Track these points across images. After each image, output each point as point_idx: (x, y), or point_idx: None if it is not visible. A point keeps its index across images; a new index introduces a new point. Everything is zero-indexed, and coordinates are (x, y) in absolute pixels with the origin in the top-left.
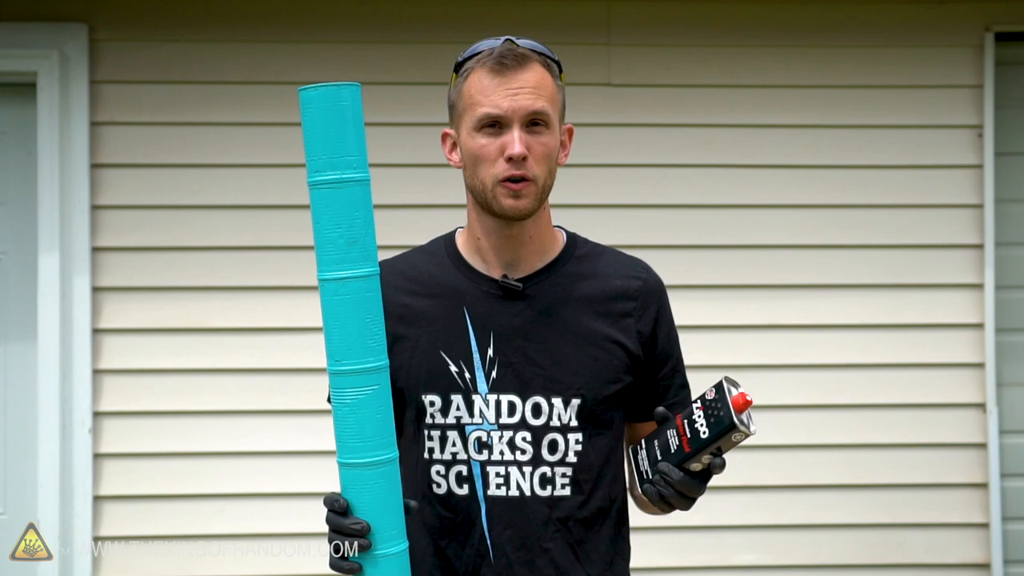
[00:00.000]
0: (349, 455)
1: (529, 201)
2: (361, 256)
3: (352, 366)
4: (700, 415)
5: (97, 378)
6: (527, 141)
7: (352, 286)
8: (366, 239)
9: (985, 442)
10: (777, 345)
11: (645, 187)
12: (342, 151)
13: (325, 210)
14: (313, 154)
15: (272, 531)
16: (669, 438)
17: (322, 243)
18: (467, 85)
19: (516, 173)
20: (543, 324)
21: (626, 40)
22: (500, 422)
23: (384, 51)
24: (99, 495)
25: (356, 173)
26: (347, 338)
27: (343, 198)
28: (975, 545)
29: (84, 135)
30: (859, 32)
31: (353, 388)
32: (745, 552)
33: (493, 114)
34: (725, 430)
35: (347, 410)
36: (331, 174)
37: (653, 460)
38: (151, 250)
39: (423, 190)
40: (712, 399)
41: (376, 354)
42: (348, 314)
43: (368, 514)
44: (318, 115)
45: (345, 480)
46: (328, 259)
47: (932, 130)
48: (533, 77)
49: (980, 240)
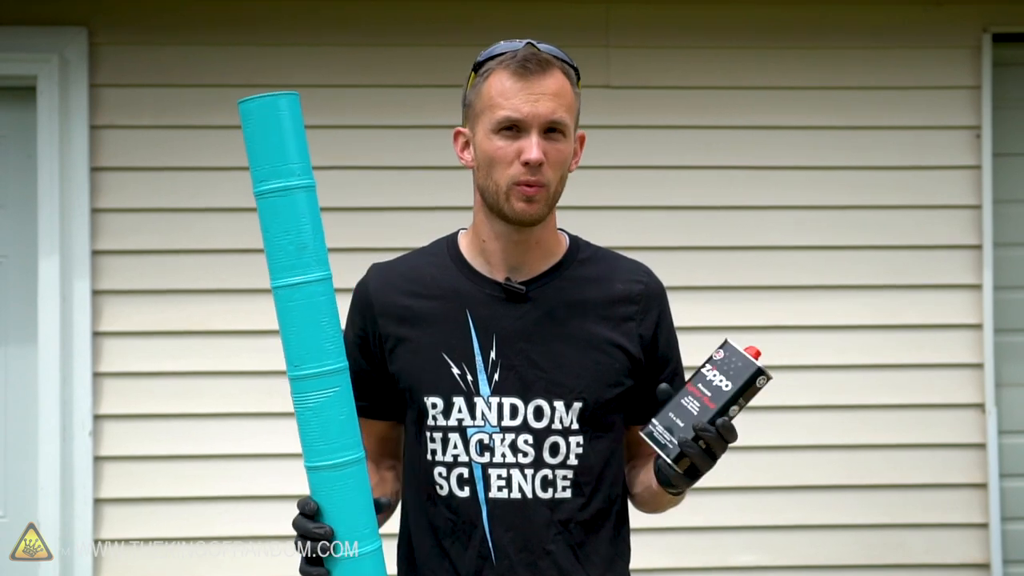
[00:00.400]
0: (315, 458)
1: (540, 207)
2: (312, 261)
3: (311, 370)
4: (715, 374)
5: (97, 381)
6: (544, 147)
7: (305, 291)
8: (316, 244)
9: (984, 442)
10: (777, 346)
11: (644, 189)
12: (284, 159)
13: (273, 218)
14: (256, 164)
15: (272, 533)
16: (687, 404)
17: (272, 251)
18: (487, 86)
19: (531, 178)
20: (545, 327)
21: (625, 42)
22: (502, 424)
23: (384, 54)
24: (99, 497)
25: (300, 180)
26: (304, 342)
27: (289, 205)
28: (974, 545)
29: (84, 138)
30: (857, 34)
31: (314, 392)
32: (744, 553)
33: (513, 117)
34: (751, 378)
35: (310, 414)
36: (275, 183)
37: (676, 428)
38: (151, 253)
39: (423, 192)
40: (723, 357)
41: (334, 356)
42: (303, 319)
43: (339, 515)
44: (258, 125)
45: (314, 484)
46: (279, 266)
47: (930, 131)
48: (554, 84)
49: (979, 241)
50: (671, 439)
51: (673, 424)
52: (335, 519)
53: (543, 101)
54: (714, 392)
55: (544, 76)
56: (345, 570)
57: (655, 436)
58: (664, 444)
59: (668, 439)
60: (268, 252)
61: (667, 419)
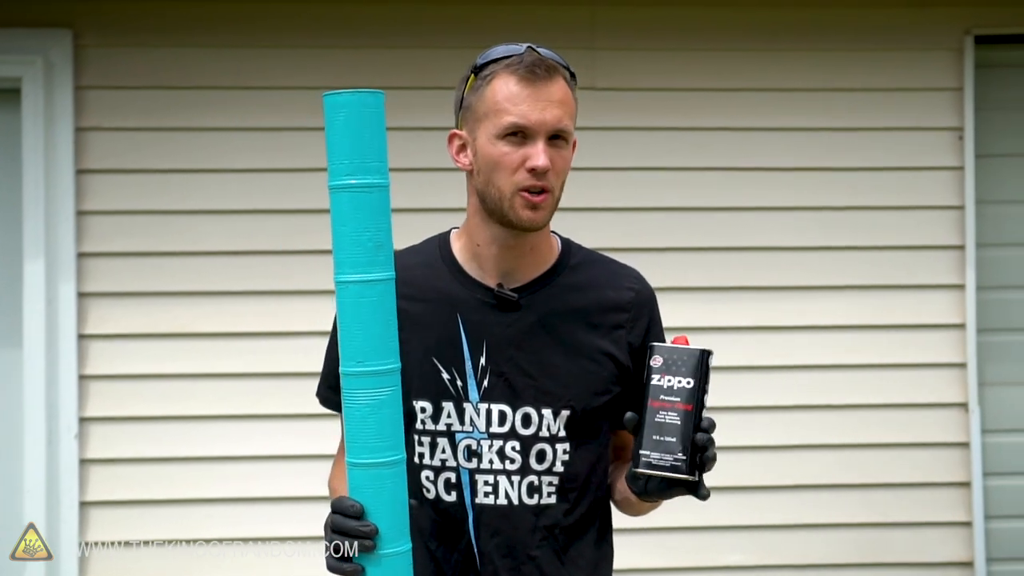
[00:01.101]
0: (367, 455)
1: (545, 214)
2: (386, 261)
3: (374, 367)
4: (666, 379)
5: (83, 384)
6: (549, 154)
7: (378, 289)
8: (389, 244)
9: (968, 441)
10: (763, 346)
11: (630, 190)
12: (368, 157)
13: (353, 213)
14: (338, 158)
15: (261, 535)
16: (664, 419)
17: (347, 245)
18: (491, 90)
19: (537, 184)
20: (536, 335)
21: (610, 44)
22: (491, 431)
23: (370, 56)
24: (86, 500)
25: (381, 179)
26: (371, 340)
27: (371, 202)
28: (958, 543)
29: (69, 141)
30: (841, 36)
31: (374, 389)
32: (732, 552)
33: (520, 124)
34: (700, 363)
35: (367, 411)
36: (359, 178)
37: (670, 446)
38: (137, 255)
39: (411, 194)
40: (663, 362)
41: (394, 355)
42: (372, 316)
43: (382, 513)
44: (345, 121)
45: (359, 481)
46: (354, 261)
47: (913, 132)
48: (560, 91)
49: (961, 241)
50: (674, 458)
51: (663, 444)
52: (378, 516)
53: (550, 108)
54: (681, 394)
55: (551, 83)
56: (382, 567)
57: (654, 464)
58: (671, 466)
59: (671, 460)
60: (340, 246)
61: (654, 443)
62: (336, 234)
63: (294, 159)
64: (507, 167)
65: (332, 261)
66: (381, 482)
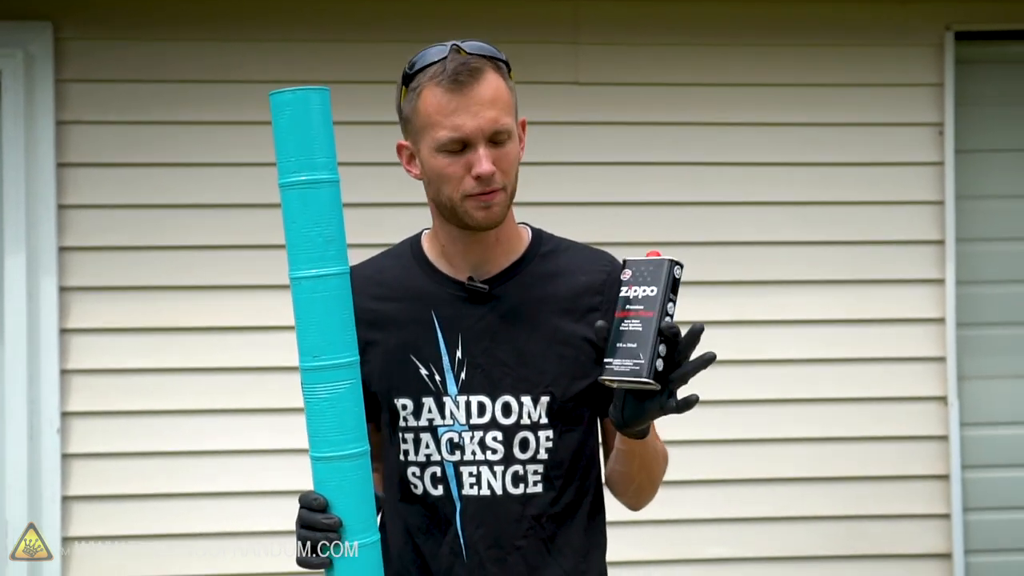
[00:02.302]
0: (328, 449)
1: (499, 210)
2: (337, 255)
3: (331, 361)
4: (634, 290)
5: (65, 378)
6: (493, 155)
7: (331, 283)
8: (341, 238)
9: (947, 434)
10: (742, 340)
11: (612, 185)
12: (315, 153)
13: (302, 210)
14: (286, 156)
15: (243, 529)
16: (628, 327)
17: (299, 241)
18: (422, 103)
19: (486, 189)
20: (510, 324)
21: (593, 39)
22: (471, 423)
23: (350, 50)
24: (68, 495)
25: (329, 175)
26: (326, 334)
27: (320, 198)
28: (937, 535)
29: (50, 134)
30: (822, 31)
31: (332, 383)
32: (714, 545)
33: (456, 136)
34: (668, 272)
35: (325, 404)
36: (306, 175)
37: (631, 352)
38: (119, 250)
39: (391, 189)
40: (631, 275)
41: (352, 348)
42: (326, 310)
43: (346, 506)
44: (290, 118)
45: (322, 474)
46: (305, 257)
47: (893, 128)
48: (490, 90)
49: (941, 236)
50: (633, 362)
51: (625, 350)
52: (343, 509)
53: (483, 112)
54: (644, 303)
55: (478, 84)
56: (351, 559)
57: (616, 370)
58: (630, 370)
59: (631, 364)
60: (292, 242)
61: (617, 350)
62: (288, 231)
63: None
64: (452, 178)
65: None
66: (344, 475)
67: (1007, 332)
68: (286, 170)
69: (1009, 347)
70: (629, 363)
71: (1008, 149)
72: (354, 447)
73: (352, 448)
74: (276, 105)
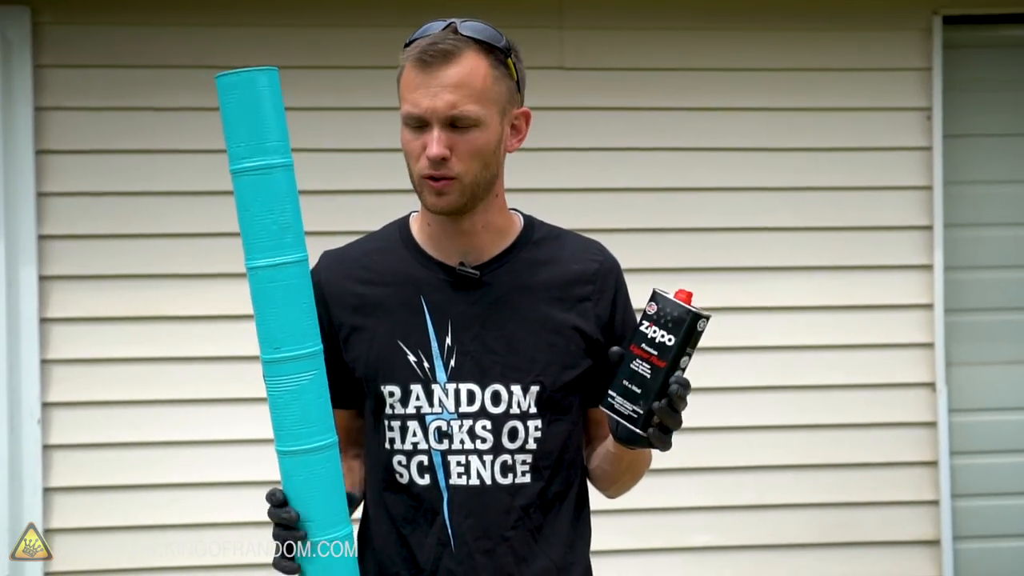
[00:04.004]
0: (293, 442)
1: (452, 198)
2: (294, 241)
3: (292, 352)
4: (653, 329)
5: (45, 368)
6: (450, 140)
7: (288, 271)
8: (297, 224)
9: (935, 421)
10: (728, 327)
11: (598, 171)
12: (265, 137)
13: (255, 197)
14: (236, 141)
15: (227, 520)
16: (637, 368)
17: (253, 230)
18: (401, 77)
19: (435, 173)
20: (500, 311)
21: (578, 23)
22: (460, 411)
23: (336, 34)
24: (49, 487)
25: (282, 159)
26: (285, 324)
27: (272, 184)
28: (925, 522)
29: (28, 121)
30: (809, 15)
31: (295, 374)
32: (701, 533)
33: (414, 114)
34: (690, 325)
35: (289, 397)
36: (256, 160)
37: (635, 396)
38: (100, 238)
39: (378, 175)
40: (655, 311)
41: (313, 338)
42: (285, 300)
43: (316, 500)
44: (238, 101)
45: (289, 469)
46: (260, 246)
47: (881, 112)
48: (456, 73)
49: (929, 221)
50: (632, 408)
51: (629, 392)
52: (313, 503)
53: (442, 95)
54: (660, 349)
55: (446, 66)
56: (325, 551)
57: (616, 407)
58: (627, 415)
59: (630, 409)
60: (247, 231)
61: (622, 387)
62: (241, 219)
63: None
64: (411, 154)
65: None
66: (311, 468)
67: (995, 318)
68: (236, 156)
69: (997, 333)
70: (629, 407)
71: (996, 134)
72: (320, 439)
73: (318, 441)
74: (223, 88)
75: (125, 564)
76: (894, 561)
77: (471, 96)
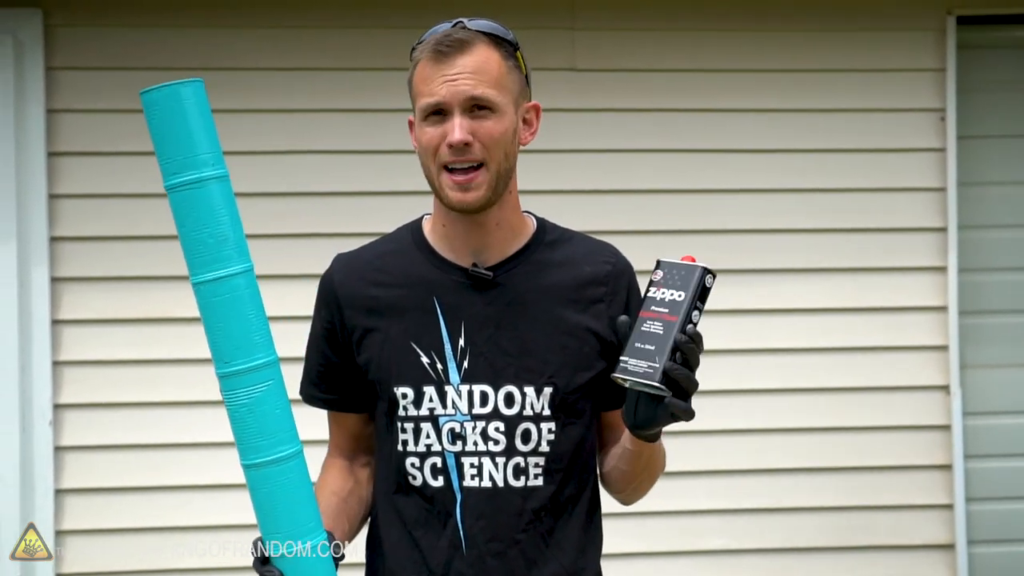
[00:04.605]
0: (254, 455)
1: (481, 193)
2: (234, 253)
3: (243, 365)
4: (663, 292)
5: (57, 370)
6: (471, 127)
7: (229, 284)
8: (236, 235)
9: (949, 424)
10: (742, 330)
11: (609, 172)
12: (195, 150)
13: (188, 212)
14: (165, 157)
15: (237, 523)
16: (649, 328)
17: (191, 246)
18: (415, 74)
19: (458, 159)
20: (514, 313)
21: (590, 24)
22: (473, 412)
23: (346, 36)
24: (61, 488)
25: (213, 170)
26: (233, 338)
27: (204, 197)
28: (939, 526)
29: (40, 123)
30: (822, 16)
31: (248, 387)
32: (714, 537)
33: (432, 103)
34: (699, 280)
35: (244, 410)
36: (187, 175)
37: (648, 353)
38: (110, 239)
39: (386, 177)
40: (663, 276)
41: (265, 349)
42: (229, 314)
43: (283, 511)
44: (163, 117)
45: (254, 482)
46: (199, 261)
47: (895, 114)
48: (473, 61)
49: (943, 223)
50: (648, 364)
51: (642, 351)
52: (279, 515)
53: (460, 80)
54: (670, 307)
55: (460, 54)
56: (295, 566)
57: (630, 370)
58: (643, 372)
59: (645, 366)
60: (186, 247)
61: (635, 350)
62: (180, 235)
63: (267, 141)
64: (430, 147)
65: (305, 245)
66: (274, 480)
67: (1010, 320)
68: (168, 172)
69: (1012, 335)
70: (643, 364)
71: (1011, 135)
72: (281, 450)
73: (279, 452)
74: (147, 104)
75: (136, 566)
76: (908, 565)
77: (488, 82)
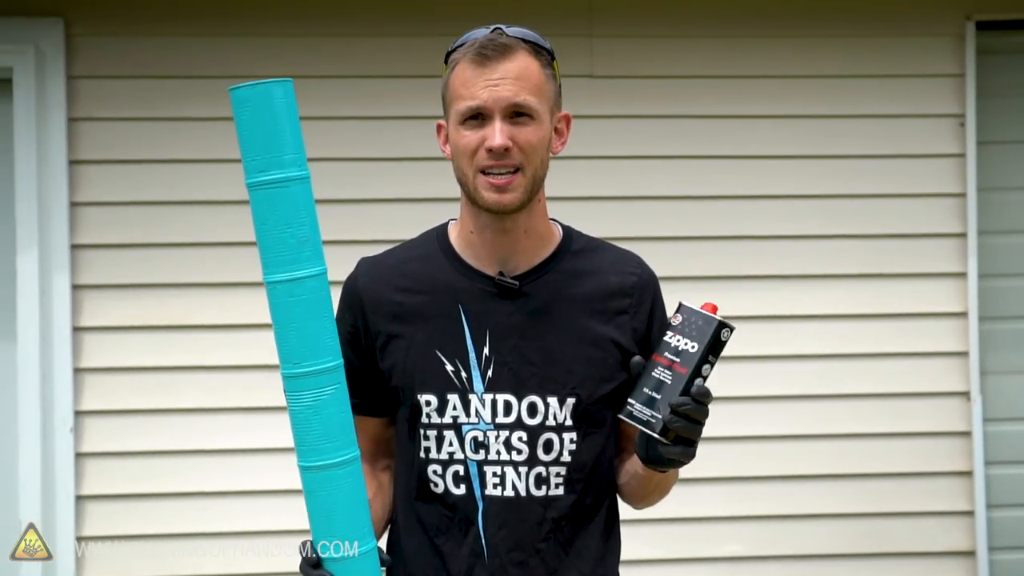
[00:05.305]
0: (316, 458)
1: (517, 195)
2: (313, 255)
3: (313, 367)
4: (678, 339)
5: (78, 377)
6: (510, 132)
7: (308, 286)
8: (315, 238)
9: (969, 430)
10: (761, 336)
11: (628, 179)
12: (282, 150)
13: (271, 211)
14: (251, 154)
15: (255, 528)
16: (659, 375)
17: (271, 244)
18: (453, 77)
19: (497, 164)
20: (539, 322)
21: (608, 31)
22: (496, 421)
23: (364, 44)
24: (81, 495)
25: (298, 171)
26: (306, 339)
27: (289, 197)
28: (960, 533)
29: (62, 131)
30: (841, 22)
31: (314, 390)
32: (731, 543)
33: (474, 106)
34: (714, 334)
35: (310, 412)
36: (273, 174)
37: (653, 403)
38: (131, 247)
39: (411, 183)
40: (682, 321)
41: (334, 352)
42: (304, 315)
43: (340, 514)
44: (252, 114)
45: (312, 484)
46: (279, 260)
47: (914, 119)
48: (515, 67)
49: (963, 229)
50: (652, 414)
51: (649, 398)
52: (336, 519)
53: (503, 85)
54: (682, 357)
55: (503, 60)
56: (345, 570)
57: (635, 415)
58: (646, 420)
59: (649, 415)
60: (264, 246)
61: (642, 395)
62: (258, 234)
63: None
64: (467, 151)
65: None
66: (334, 484)
67: None
68: (252, 169)
69: None
70: (648, 413)
71: None
72: (343, 454)
73: (341, 455)
74: (236, 101)
75: (156, 571)
76: (929, 572)
77: (529, 89)
